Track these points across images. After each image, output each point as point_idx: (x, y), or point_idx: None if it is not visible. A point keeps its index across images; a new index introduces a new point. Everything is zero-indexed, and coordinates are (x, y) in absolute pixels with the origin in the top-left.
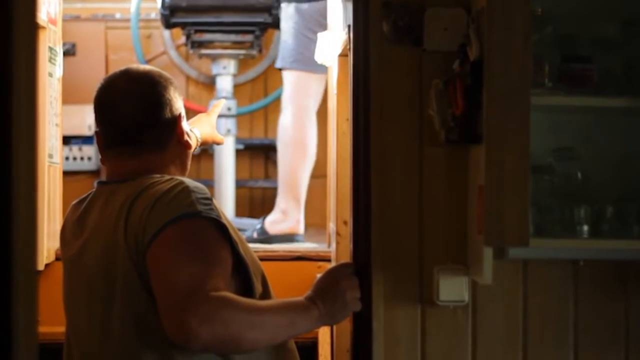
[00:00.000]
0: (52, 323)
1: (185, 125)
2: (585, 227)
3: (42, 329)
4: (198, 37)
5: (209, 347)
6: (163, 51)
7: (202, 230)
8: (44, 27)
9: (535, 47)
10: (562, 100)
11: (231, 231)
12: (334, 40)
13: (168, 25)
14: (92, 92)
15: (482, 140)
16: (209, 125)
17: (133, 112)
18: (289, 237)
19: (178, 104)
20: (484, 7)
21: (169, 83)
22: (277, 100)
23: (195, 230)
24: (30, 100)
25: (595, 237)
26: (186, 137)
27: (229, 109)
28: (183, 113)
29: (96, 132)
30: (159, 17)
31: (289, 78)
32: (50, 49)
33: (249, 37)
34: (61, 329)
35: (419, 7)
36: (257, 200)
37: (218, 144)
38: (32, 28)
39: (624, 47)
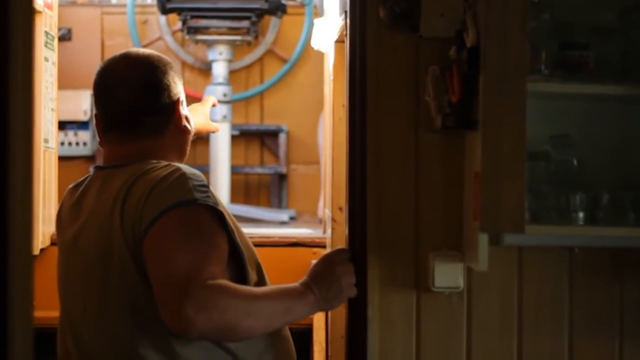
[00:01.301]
0: (48, 307)
1: (184, 110)
2: (581, 214)
3: (38, 313)
4: (194, 22)
5: (206, 335)
6: (159, 37)
7: (199, 218)
8: (40, 12)
9: (532, 33)
10: (558, 87)
11: (227, 218)
12: (330, 26)
13: (164, 10)
14: (88, 78)
15: (479, 127)
16: (203, 114)
17: (131, 96)
18: None
19: (177, 89)
20: None
21: (169, 67)
22: (273, 86)
23: (192, 218)
24: (26, 85)
25: (590, 224)
26: (184, 122)
27: (224, 94)
28: (182, 98)
29: (95, 115)
30: (155, 2)
31: None
32: (47, 33)
33: (245, 23)
34: (56, 313)
35: None
36: (252, 186)
37: (212, 132)
38: (29, 12)
39: (621, 35)
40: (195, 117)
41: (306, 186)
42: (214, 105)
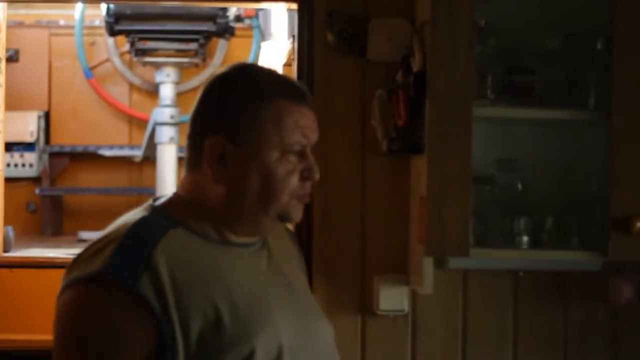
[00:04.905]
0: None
1: None
2: (526, 238)
3: None
4: (142, 44)
5: None
6: (107, 58)
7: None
8: None
9: (478, 58)
10: (504, 111)
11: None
12: (278, 50)
13: (112, 32)
14: (35, 99)
15: (424, 151)
16: None
17: None
18: None
19: None
20: (427, 18)
21: None
22: None
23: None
24: None
25: (535, 248)
26: None
27: (171, 116)
28: None
29: None
30: (103, 24)
31: None
32: None
33: (193, 46)
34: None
35: (364, 18)
36: None
37: None
38: None
39: (566, 60)
40: None
41: None
42: None
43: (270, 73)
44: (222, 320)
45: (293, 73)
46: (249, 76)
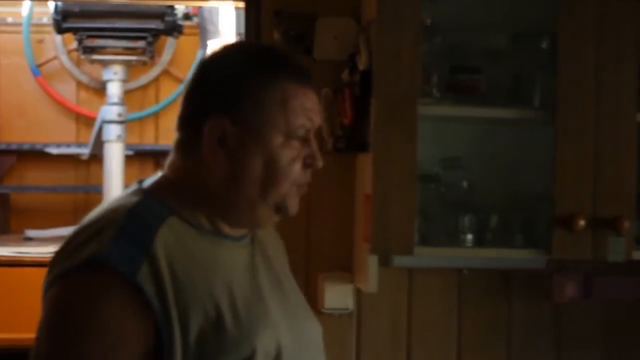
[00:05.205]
0: None
1: None
2: (470, 236)
3: None
4: (90, 42)
5: None
6: (54, 56)
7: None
8: None
9: (424, 57)
10: (449, 110)
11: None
12: None
13: (60, 30)
14: None
15: (370, 149)
16: None
17: None
18: None
19: None
20: (373, 17)
21: None
22: (168, 106)
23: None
24: None
25: (479, 246)
26: None
27: (119, 114)
28: None
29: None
30: (51, 21)
31: None
32: None
33: (140, 44)
34: None
35: (310, 16)
36: None
37: None
38: None
39: (512, 59)
40: None
41: None
42: None
43: (273, 51)
44: (223, 318)
45: None
46: (252, 55)
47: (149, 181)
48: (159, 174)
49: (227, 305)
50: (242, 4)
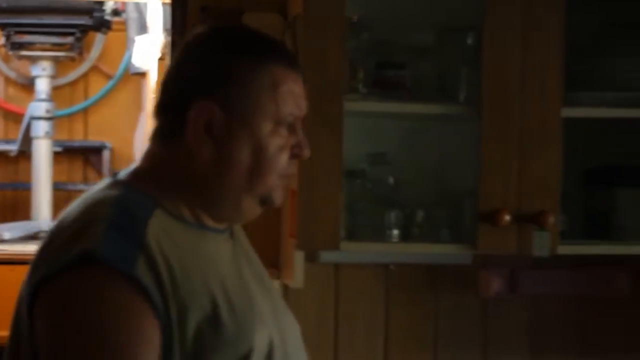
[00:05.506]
0: None
1: None
2: (396, 232)
3: None
4: (18, 38)
5: None
6: None
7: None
8: None
9: (350, 52)
10: (375, 105)
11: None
12: (153, 44)
13: None
14: None
15: None
16: None
17: None
18: None
19: None
20: (299, 12)
21: None
22: (97, 102)
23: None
24: None
25: (405, 241)
26: None
27: (47, 110)
28: None
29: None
30: None
31: None
32: None
33: (69, 39)
34: None
35: (237, 12)
36: None
37: None
38: None
39: (438, 55)
40: None
41: None
42: None
43: (261, 35)
44: (220, 314)
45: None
46: (240, 38)
47: (123, 173)
48: (133, 166)
49: (222, 300)
50: (168, 0)
